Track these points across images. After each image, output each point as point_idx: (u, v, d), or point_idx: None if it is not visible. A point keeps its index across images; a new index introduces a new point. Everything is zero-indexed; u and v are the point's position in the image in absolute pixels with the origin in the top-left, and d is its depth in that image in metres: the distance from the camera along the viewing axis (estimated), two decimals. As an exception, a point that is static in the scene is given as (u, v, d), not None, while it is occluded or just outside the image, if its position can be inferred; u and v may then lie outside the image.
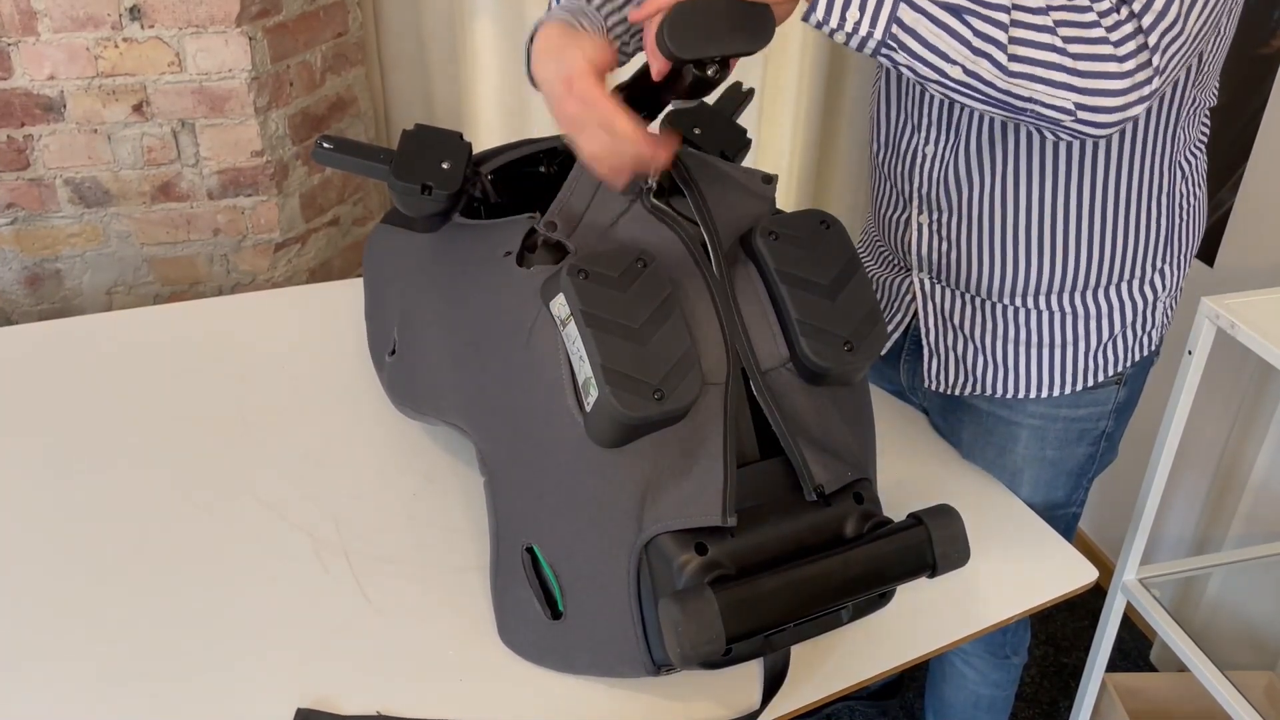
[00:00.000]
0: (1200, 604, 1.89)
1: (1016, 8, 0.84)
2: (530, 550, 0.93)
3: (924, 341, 1.20)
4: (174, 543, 1.03)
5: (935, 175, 1.11)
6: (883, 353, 1.26)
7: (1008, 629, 1.39)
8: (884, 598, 0.91)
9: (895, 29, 0.84)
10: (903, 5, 0.83)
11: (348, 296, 1.47)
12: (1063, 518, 1.25)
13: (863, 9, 0.83)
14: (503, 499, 0.95)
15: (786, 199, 2.39)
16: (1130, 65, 0.85)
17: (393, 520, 1.07)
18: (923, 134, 1.11)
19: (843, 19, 0.83)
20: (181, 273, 1.94)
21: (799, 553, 0.85)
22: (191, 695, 0.88)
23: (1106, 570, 2.07)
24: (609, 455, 0.85)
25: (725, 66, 0.85)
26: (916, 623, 0.98)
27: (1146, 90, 0.87)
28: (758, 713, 0.88)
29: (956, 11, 0.84)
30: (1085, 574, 1.06)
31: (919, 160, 1.12)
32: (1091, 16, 0.85)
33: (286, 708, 0.87)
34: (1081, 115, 0.86)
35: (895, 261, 1.22)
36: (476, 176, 1.12)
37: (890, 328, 1.24)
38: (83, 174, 1.82)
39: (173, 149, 1.82)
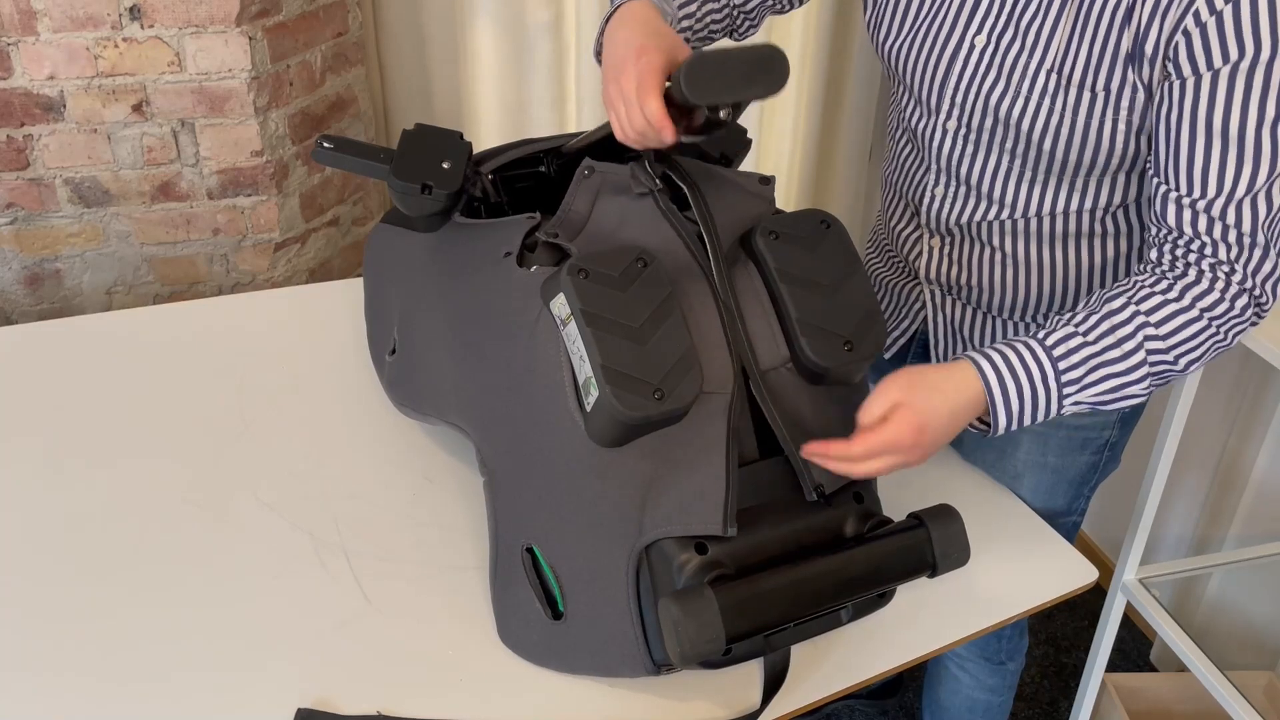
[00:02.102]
0: (1200, 604, 1.89)
1: (1150, 344, 0.89)
2: (530, 551, 0.92)
3: (932, 352, 1.19)
4: (174, 542, 1.03)
5: (944, 214, 1.11)
6: (888, 356, 1.25)
7: (1002, 635, 1.39)
8: (884, 598, 0.91)
9: (1069, 409, 0.92)
10: (1067, 403, 0.91)
11: (348, 296, 1.47)
12: (1062, 526, 1.24)
13: (1037, 411, 0.90)
14: (503, 499, 0.95)
15: (786, 199, 2.39)
16: (1251, 315, 0.91)
17: (393, 520, 1.07)
18: (933, 175, 1.11)
19: (1022, 425, 0.91)
20: (181, 272, 1.94)
21: (799, 552, 0.85)
22: (191, 695, 0.88)
23: (1106, 570, 2.07)
24: (610, 456, 0.85)
25: (738, 108, 0.86)
26: (917, 623, 0.98)
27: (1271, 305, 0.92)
28: (758, 713, 0.88)
29: (1108, 381, 0.90)
30: (1085, 574, 1.05)
31: (928, 198, 1.12)
32: (1205, 323, 0.89)
33: (286, 708, 0.87)
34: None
35: (905, 269, 1.22)
36: (476, 176, 1.12)
37: (897, 333, 1.23)
38: (82, 174, 1.81)
39: (172, 149, 1.82)
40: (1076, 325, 0.90)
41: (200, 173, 1.85)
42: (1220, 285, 0.89)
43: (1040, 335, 0.90)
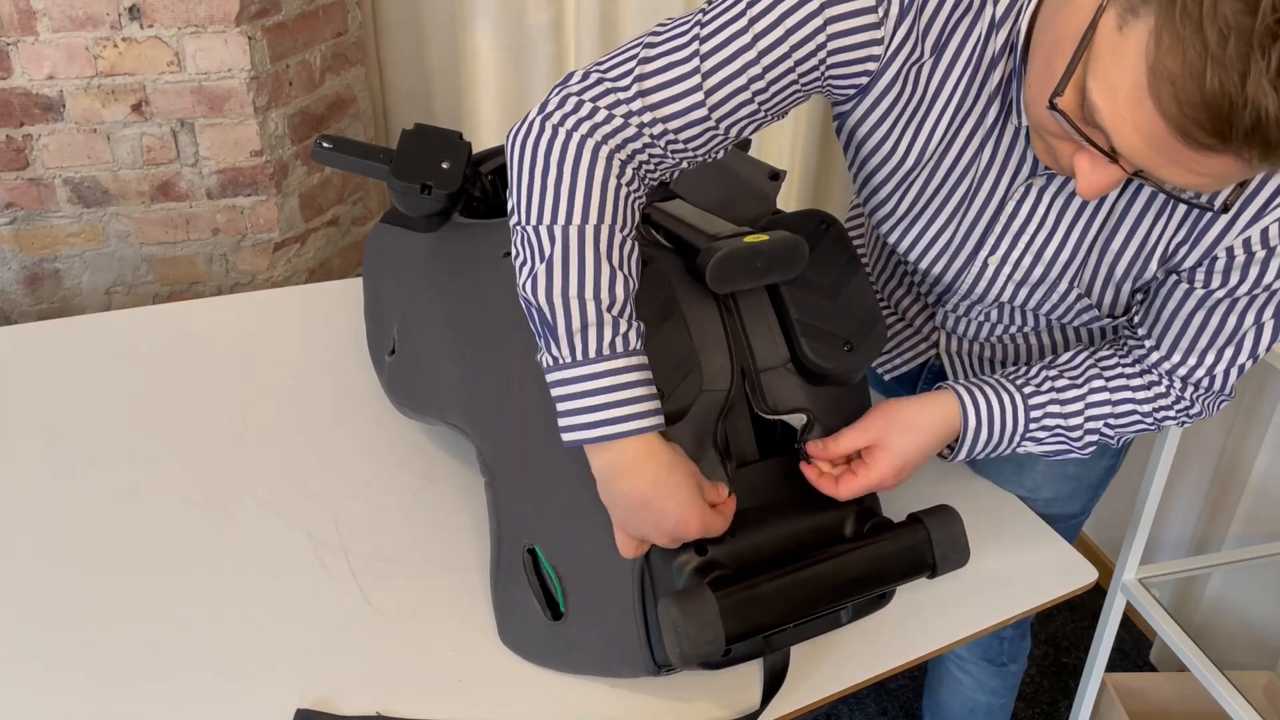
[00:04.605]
0: (1200, 604, 1.89)
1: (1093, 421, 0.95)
2: (531, 551, 0.92)
3: (950, 379, 1.18)
4: (173, 543, 1.03)
5: (959, 329, 1.10)
6: (889, 377, 1.23)
7: (1004, 637, 1.39)
8: (884, 598, 0.91)
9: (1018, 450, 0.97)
10: (1015, 450, 0.96)
11: (347, 296, 1.47)
12: (1072, 526, 1.24)
13: (991, 454, 0.96)
14: (504, 500, 0.95)
15: (787, 199, 2.39)
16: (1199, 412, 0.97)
17: (393, 520, 1.07)
18: (940, 311, 1.09)
19: (973, 457, 0.97)
20: (181, 272, 1.94)
21: (799, 553, 0.85)
22: (191, 695, 0.88)
23: (1106, 570, 2.07)
24: None
25: None
26: (916, 623, 0.98)
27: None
28: (757, 713, 0.88)
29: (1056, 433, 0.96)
30: (1085, 574, 1.05)
31: (940, 316, 1.10)
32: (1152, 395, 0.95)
33: (286, 708, 0.87)
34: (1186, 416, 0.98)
35: (907, 324, 1.18)
36: (476, 176, 1.12)
37: (899, 361, 1.20)
38: (82, 174, 1.81)
39: (172, 149, 1.82)
40: (1060, 393, 0.94)
41: (200, 173, 1.85)
42: (1180, 407, 0.96)
43: (1028, 391, 0.94)
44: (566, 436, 0.78)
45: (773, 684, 0.89)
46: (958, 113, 0.86)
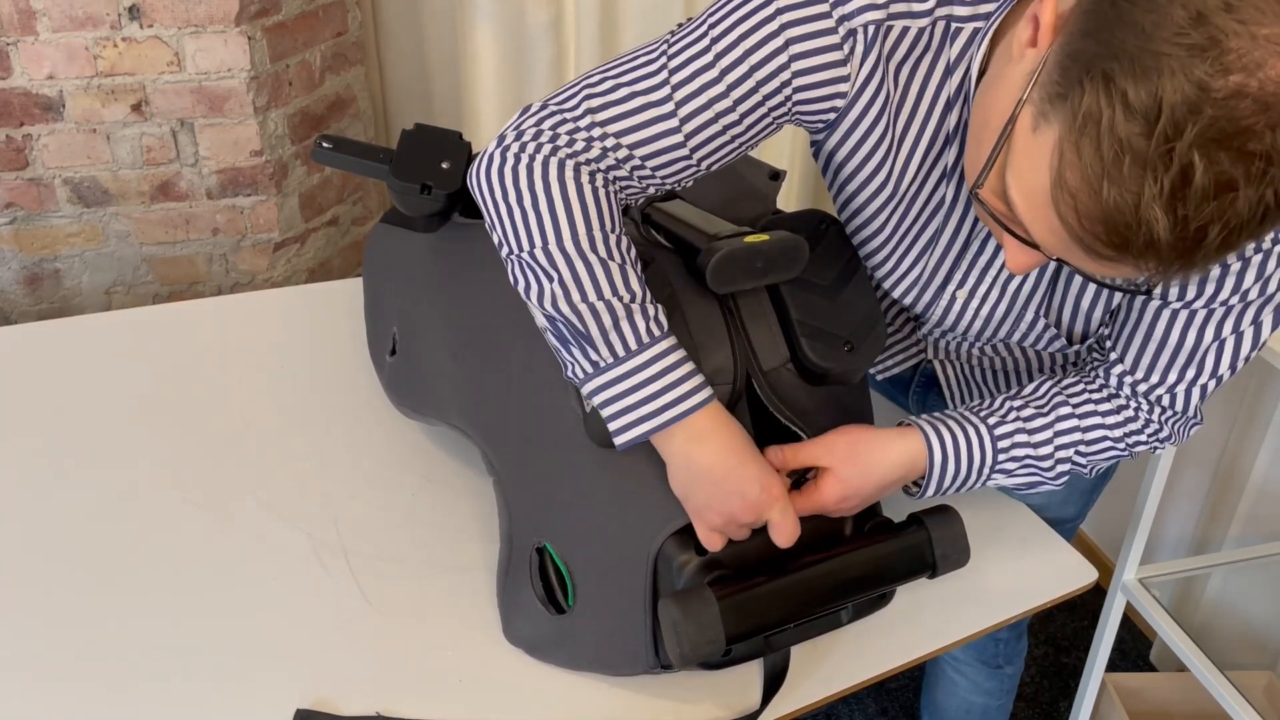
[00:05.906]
0: (1200, 604, 1.89)
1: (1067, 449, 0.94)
2: (540, 550, 0.92)
3: (945, 390, 1.18)
4: (173, 543, 1.03)
5: (940, 344, 1.10)
6: (881, 376, 1.23)
7: (999, 639, 1.39)
8: (884, 598, 0.91)
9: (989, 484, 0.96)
10: (986, 484, 0.95)
11: (347, 296, 1.47)
12: (1067, 529, 1.24)
13: (961, 488, 0.94)
14: (515, 499, 0.95)
15: (787, 199, 2.39)
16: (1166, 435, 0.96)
17: (393, 520, 1.07)
18: (922, 328, 1.09)
19: (943, 493, 0.94)
20: (181, 272, 1.94)
21: (799, 553, 0.85)
22: (190, 696, 0.88)
23: (1106, 570, 2.07)
24: (619, 452, 0.85)
25: None
26: (917, 623, 0.98)
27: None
28: (758, 713, 0.88)
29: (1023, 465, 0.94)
30: (1085, 574, 1.05)
31: (922, 332, 1.10)
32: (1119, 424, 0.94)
33: (286, 708, 0.87)
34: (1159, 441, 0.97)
35: (896, 330, 1.18)
36: (476, 176, 1.11)
37: (894, 364, 1.20)
38: (82, 174, 1.81)
39: (172, 148, 1.82)
40: (1026, 422, 0.93)
41: (200, 172, 1.85)
42: (1150, 430, 0.95)
43: (993, 422, 0.93)
44: (628, 435, 0.79)
45: (773, 684, 0.89)
46: (929, 151, 0.86)
